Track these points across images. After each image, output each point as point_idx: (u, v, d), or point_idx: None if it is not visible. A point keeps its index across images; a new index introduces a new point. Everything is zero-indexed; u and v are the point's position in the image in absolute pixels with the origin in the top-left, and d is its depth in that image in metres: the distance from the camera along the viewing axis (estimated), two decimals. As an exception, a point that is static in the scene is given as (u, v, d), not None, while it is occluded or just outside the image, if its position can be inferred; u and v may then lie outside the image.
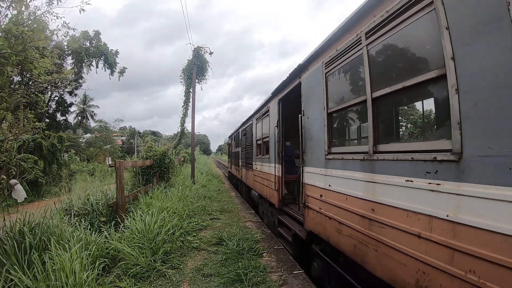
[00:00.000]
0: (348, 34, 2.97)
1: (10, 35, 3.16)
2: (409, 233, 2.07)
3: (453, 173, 1.75)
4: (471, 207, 1.62)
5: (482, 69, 1.57)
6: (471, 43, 1.64)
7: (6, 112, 4.37)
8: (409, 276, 2.06)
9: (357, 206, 2.77)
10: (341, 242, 3.08)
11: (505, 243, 1.41)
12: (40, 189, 13.23)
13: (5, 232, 3.68)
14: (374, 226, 2.50)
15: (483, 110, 1.57)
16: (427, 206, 1.93)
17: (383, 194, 2.41)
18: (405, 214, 2.13)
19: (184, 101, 18.03)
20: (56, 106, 25.55)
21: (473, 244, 1.59)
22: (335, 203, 3.22)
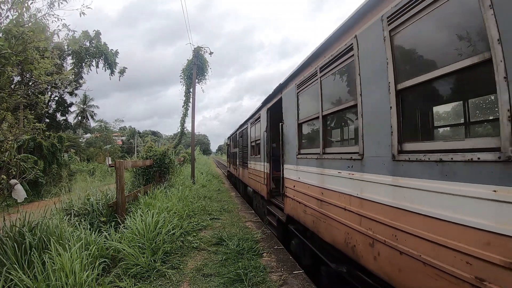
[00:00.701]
0: (310, 67, 3.95)
1: (10, 36, 3.17)
2: (340, 208, 3.05)
3: (359, 167, 2.73)
4: (368, 188, 2.58)
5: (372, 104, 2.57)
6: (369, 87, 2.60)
7: (6, 113, 4.37)
8: (340, 237, 3.04)
9: (314, 192, 3.77)
10: (306, 220, 4.06)
11: (382, 209, 2.37)
12: (40, 189, 13.23)
13: (5, 232, 3.68)
14: (323, 205, 3.49)
15: (370, 132, 2.58)
16: (348, 188, 2.93)
17: (327, 182, 3.42)
18: (337, 195, 3.13)
19: (184, 101, 18.04)
20: (56, 106, 25.54)
21: (370, 211, 2.54)
22: (302, 191, 4.21)
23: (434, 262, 1.85)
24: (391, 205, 2.28)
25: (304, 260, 4.40)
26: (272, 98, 6.17)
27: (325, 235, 3.40)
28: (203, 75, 16.07)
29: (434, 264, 1.85)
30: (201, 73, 15.91)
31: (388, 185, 2.32)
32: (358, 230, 2.69)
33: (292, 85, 4.71)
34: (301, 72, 4.31)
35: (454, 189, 1.73)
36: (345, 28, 3.02)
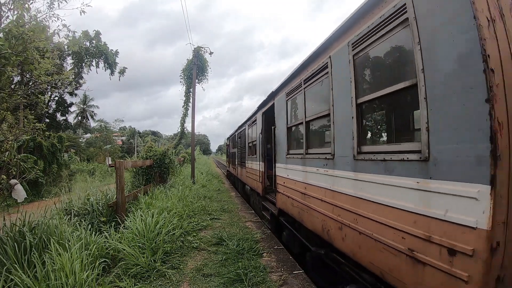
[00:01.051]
0: (297, 78, 4.48)
1: (10, 36, 3.17)
2: (318, 199, 3.59)
3: (332, 165, 3.27)
4: (337, 182, 3.14)
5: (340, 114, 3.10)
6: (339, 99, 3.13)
7: (6, 112, 4.37)
8: (319, 224, 3.58)
9: (299, 187, 4.32)
10: (293, 212, 4.62)
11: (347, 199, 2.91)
12: (40, 189, 13.23)
13: (5, 232, 3.68)
14: (306, 198, 4.05)
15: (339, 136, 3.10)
16: (324, 183, 3.48)
17: (309, 178, 3.97)
18: (316, 188, 3.68)
19: (184, 101, 18.02)
20: (56, 106, 25.55)
21: (339, 201, 3.08)
22: (290, 187, 4.75)
23: (381, 239, 2.36)
24: (352, 195, 2.83)
25: (294, 249, 4.89)
26: (266, 103, 6.73)
27: (308, 224, 3.99)
28: (203, 75, 16.06)
29: (381, 240, 2.36)
30: (201, 73, 15.90)
31: (350, 179, 2.88)
32: (331, 217, 3.26)
33: (283, 93, 5.24)
34: (289, 82, 4.87)
35: (392, 181, 2.27)
36: (323, 48, 3.55)
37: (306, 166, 4.08)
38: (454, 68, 1.81)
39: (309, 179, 3.97)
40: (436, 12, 1.94)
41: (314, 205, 3.73)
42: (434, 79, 1.94)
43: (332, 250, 3.33)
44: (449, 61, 1.84)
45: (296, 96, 4.55)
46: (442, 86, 1.87)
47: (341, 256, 3.18)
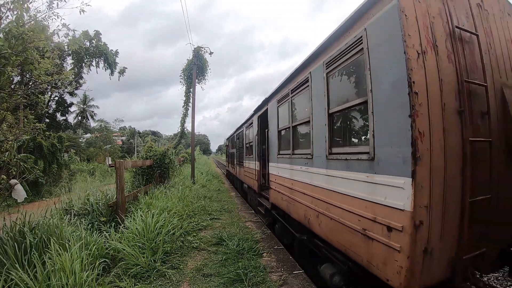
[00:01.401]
0: (285, 88, 5.06)
1: (10, 36, 3.17)
2: (301, 193, 4.18)
3: (311, 163, 3.85)
4: (315, 177, 3.70)
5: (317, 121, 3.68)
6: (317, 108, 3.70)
7: (6, 113, 4.37)
8: (302, 214, 4.17)
9: (287, 183, 4.88)
10: (283, 205, 5.17)
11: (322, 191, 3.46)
12: (40, 189, 13.23)
13: (5, 232, 3.68)
14: (293, 192, 4.59)
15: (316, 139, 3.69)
16: (305, 179, 4.04)
17: (294, 175, 4.53)
18: (300, 184, 4.25)
19: (184, 101, 18.00)
20: (56, 106, 25.54)
21: (316, 193, 3.65)
22: (280, 183, 5.30)
23: (345, 222, 2.93)
24: (325, 188, 3.40)
25: (285, 240, 5.36)
26: (261, 108, 7.38)
27: (294, 215, 4.56)
28: (203, 75, 16.05)
29: (345, 223, 2.94)
30: (201, 73, 15.89)
31: (324, 175, 3.45)
32: (311, 207, 3.84)
33: (274, 100, 5.84)
34: (280, 91, 5.48)
35: (351, 176, 2.86)
36: (305, 65, 4.11)
37: (293, 164, 4.66)
38: (390, 90, 2.33)
39: (294, 176, 4.55)
40: (381, 45, 2.44)
41: (299, 198, 4.31)
42: (378, 97, 2.48)
43: (313, 235, 3.93)
44: (388, 84, 2.36)
45: (285, 103, 5.17)
46: (383, 103, 2.42)
47: (319, 240, 3.75)
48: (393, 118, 2.29)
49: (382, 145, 2.43)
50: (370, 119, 2.55)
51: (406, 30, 2.18)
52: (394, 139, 2.28)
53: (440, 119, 2.22)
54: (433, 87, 2.21)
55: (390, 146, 2.31)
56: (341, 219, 3.00)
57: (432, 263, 2.19)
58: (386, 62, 2.39)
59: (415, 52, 2.17)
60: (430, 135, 2.15)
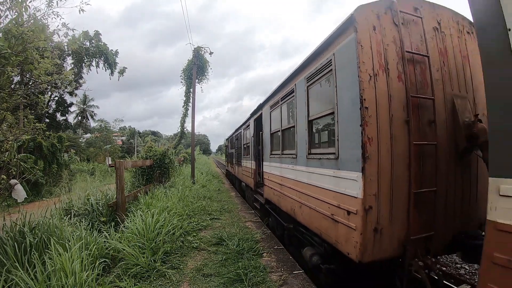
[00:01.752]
0: (277, 95, 5.72)
1: (10, 36, 3.16)
2: (289, 188, 4.76)
3: (296, 162, 4.45)
4: (299, 174, 4.29)
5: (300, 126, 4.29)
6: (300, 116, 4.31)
7: (6, 113, 4.37)
8: (289, 206, 4.79)
9: (278, 179, 5.49)
10: (274, 199, 5.86)
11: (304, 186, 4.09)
12: (40, 189, 13.22)
13: (5, 232, 3.68)
14: (282, 187, 5.21)
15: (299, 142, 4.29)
16: (292, 175, 4.65)
17: (284, 172, 5.14)
18: (288, 180, 4.85)
19: (184, 101, 17.99)
20: (56, 106, 25.53)
21: (300, 188, 4.23)
22: (272, 180, 5.96)
23: (320, 210, 3.55)
24: (306, 183, 4.04)
25: (277, 231, 5.90)
26: (257, 112, 8.04)
27: (283, 207, 5.20)
28: (204, 75, 16.04)
29: (320, 211, 3.55)
30: (202, 73, 15.88)
31: (305, 171, 4.09)
32: (296, 200, 4.46)
33: (268, 105, 6.52)
34: (272, 98, 6.15)
35: (323, 172, 3.50)
36: (291, 77, 4.70)
37: (282, 163, 5.28)
38: (349, 104, 2.93)
39: (283, 173, 5.16)
40: (344, 68, 3.06)
41: (287, 192, 4.93)
42: (341, 109, 3.12)
43: (297, 224, 4.51)
44: (347, 100, 2.98)
45: (276, 109, 5.80)
46: (344, 114, 3.05)
47: (302, 227, 4.35)
48: (350, 127, 2.91)
49: (343, 147, 3.08)
50: (336, 127, 3.21)
51: (360, 58, 2.79)
52: (351, 143, 2.91)
53: (387, 127, 2.83)
54: (382, 102, 2.82)
55: (348, 148, 2.96)
56: (317, 207, 3.65)
57: (382, 240, 2.77)
58: (346, 82, 3.01)
59: (368, 75, 2.79)
60: (378, 140, 2.76)
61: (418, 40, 3.13)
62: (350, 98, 2.91)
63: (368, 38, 2.86)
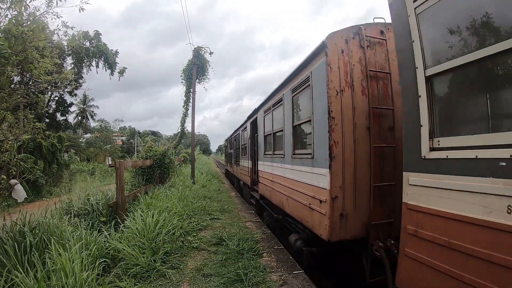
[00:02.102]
0: (269, 102, 6.43)
1: (10, 35, 3.16)
2: (279, 183, 5.38)
3: (284, 161, 5.16)
4: (286, 171, 5.03)
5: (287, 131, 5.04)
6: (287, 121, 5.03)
7: (6, 112, 4.36)
8: (279, 199, 5.41)
9: (270, 177, 6.23)
10: (267, 195, 6.56)
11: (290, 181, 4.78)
12: (40, 189, 13.22)
13: (5, 232, 3.67)
14: (273, 183, 5.87)
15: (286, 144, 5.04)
16: (280, 173, 5.30)
17: (274, 170, 5.83)
18: (278, 177, 5.47)
19: (184, 101, 18.00)
20: (56, 106, 25.52)
21: (287, 183, 4.95)
22: (265, 177, 6.75)
23: (301, 201, 4.18)
24: (291, 178, 4.71)
25: (270, 224, 6.46)
26: (252, 115, 8.82)
27: (274, 200, 5.89)
28: (204, 74, 16.04)
29: (301, 202, 4.18)
30: (202, 73, 15.88)
31: (290, 169, 4.79)
32: (283, 193, 5.09)
33: (262, 110, 7.31)
34: (265, 104, 6.94)
35: (303, 168, 4.16)
36: (280, 87, 5.39)
37: (273, 162, 5.99)
38: (321, 114, 3.54)
39: (274, 171, 5.87)
40: (318, 84, 3.69)
41: (277, 188, 5.60)
42: (315, 118, 3.75)
43: (285, 214, 5.16)
44: (320, 110, 3.58)
45: (268, 114, 6.50)
46: (318, 122, 3.68)
47: (289, 217, 4.99)
48: (321, 132, 3.54)
49: (317, 149, 3.71)
50: (312, 132, 3.87)
51: (329, 77, 3.38)
52: (322, 145, 3.53)
53: (351, 133, 3.39)
54: (347, 113, 3.40)
55: (320, 149, 3.59)
56: (299, 199, 4.28)
57: (347, 224, 3.35)
58: (319, 96, 3.63)
59: (335, 91, 3.38)
60: (343, 143, 3.35)
61: (383, 58, 3.64)
62: (321, 109, 3.53)
63: (336, 60, 3.43)
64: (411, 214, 2.22)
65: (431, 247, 2.02)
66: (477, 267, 1.67)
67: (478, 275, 1.66)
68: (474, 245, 1.71)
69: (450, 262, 1.86)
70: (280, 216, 5.52)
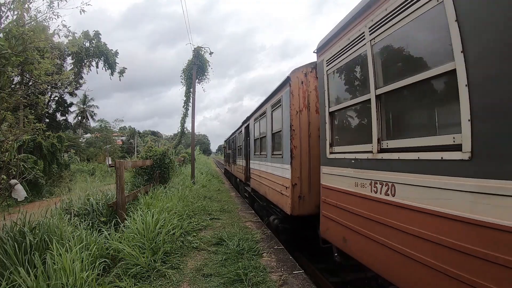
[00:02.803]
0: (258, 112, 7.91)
1: (10, 36, 3.17)
2: (263, 177, 6.99)
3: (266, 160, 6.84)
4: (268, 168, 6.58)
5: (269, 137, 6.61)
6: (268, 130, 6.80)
7: (6, 113, 4.37)
8: (263, 190, 6.99)
9: (258, 172, 7.56)
10: (256, 187, 7.92)
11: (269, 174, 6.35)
12: (40, 189, 13.22)
13: (5, 232, 3.68)
14: (261, 178, 7.27)
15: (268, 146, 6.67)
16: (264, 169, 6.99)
17: (261, 167, 7.30)
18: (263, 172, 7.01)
19: (184, 101, 18.04)
20: (56, 106, 25.54)
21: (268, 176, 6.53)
22: (255, 173, 8.11)
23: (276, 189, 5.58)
24: (271, 173, 6.01)
25: (261, 212, 7.66)
26: (246, 121, 10.46)
27: (260, 191, 7.33)
28: (204, 74, 16.05)
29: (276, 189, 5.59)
30: (202, 73, 15.89)
31: (270, 166, 6.12)
32: (266, 185, 6.49)
33: (252, 118, 8.85)
34: (255, 113, 8.46)
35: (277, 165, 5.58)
36: (265, 102, 6.94)
37: (260, 161, 7.45)
38: (286, 127, 4.89)
39: (261, 168, 7.28)
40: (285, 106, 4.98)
41: (262, 181, 6.98)
42: (283, 129, 5.10)
43: (268, 202, 6.54)
44: (286, 124, 4.94)
45: (257, 122, 8.04)
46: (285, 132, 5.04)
47: (271, 204, 6.27)
48: (286, 140, 4.91)
49: (284, 151, 5.08)
50: (282, 139, 5.22)
51: (291, 102, 4.73)
52: (286, 149, 4.92)
53: (307, 140, 4.71)
54: (303, 127, 4.71)
55: (286, 151, 4.95)
56: (275, 188, 5.68)
57: (304, 203, 4.67)
58: (286, 114, 4.99)
59: (295, 111, 4.71)
60: (300, 147, 4.68)
61: None
62: (287, 123, 4.94)
63: (297, 89, 4.75)
64: (324, 190, 3.66)
65: (331, 208, 3.43)
66: (347, 216, 3.04)
67: (348, 219, 3.03)
68: (345, 203, 3.10)
69: (338, 215, 3.25)
70: (265, 203, 7.11)
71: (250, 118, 9.40)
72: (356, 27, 2.84)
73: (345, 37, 3.07)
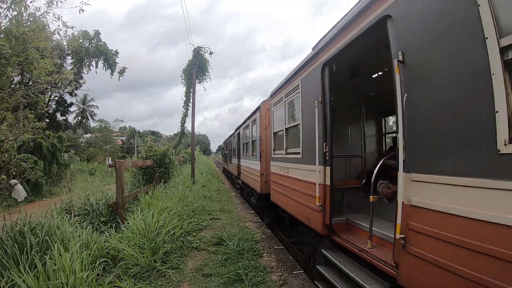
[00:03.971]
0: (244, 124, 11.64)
1: (11, 36, 3.16)
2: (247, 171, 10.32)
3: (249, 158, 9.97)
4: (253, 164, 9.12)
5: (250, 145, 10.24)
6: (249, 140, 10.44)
7: (6, 112, 4.37)
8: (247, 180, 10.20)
9: (247, 168, 10.45)
10: (244, 178, 11.30)
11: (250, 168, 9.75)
12: (40, 189, 13.22)
13: (5, 232, 3.68)
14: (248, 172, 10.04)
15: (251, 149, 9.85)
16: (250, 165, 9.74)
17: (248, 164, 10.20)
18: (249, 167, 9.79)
19: (184, 101, 17.95)
20: (56, 106, 25.55)
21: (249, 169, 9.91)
22: (245, 169, 11.08)
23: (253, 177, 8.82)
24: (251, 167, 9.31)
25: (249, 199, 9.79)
26: (238, 129, 13.23)
27: (246, 181, 10.27)
28: (204, 74, 16.02)
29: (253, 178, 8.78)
30: (202, 73, 15.86)
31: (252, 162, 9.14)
32: (249, 176, 9.45)
33: (242, 127, 11.70)
34: (243, 124, 11.31)
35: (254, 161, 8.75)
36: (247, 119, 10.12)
37: (248, 160, 9.68)
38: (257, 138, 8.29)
39: (247, 164, 9.75)
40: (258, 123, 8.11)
41: (247, 173, 9.54)
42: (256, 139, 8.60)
43: (250, 188, 9.24)
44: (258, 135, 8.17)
45: (245, 131, 10.87)
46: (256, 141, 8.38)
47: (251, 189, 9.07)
48: (257, 145, 8.00)
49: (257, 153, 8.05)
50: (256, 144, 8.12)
51: (260, 122, 7.79)
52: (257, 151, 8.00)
53: (270, 146, 6.48)
54: (267, 138, 7.35)
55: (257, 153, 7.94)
56: (253, 177, 8.59)
57: (267, 185, 7.13)
58: (257, 130, 8.05)
59: (263, 127, 7.68)
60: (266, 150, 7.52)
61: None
62: (258, 135, 7.83)
63: (264, 114, 7.58)
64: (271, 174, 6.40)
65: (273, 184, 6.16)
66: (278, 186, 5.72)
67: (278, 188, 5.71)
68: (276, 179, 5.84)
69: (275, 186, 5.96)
70: (248, 190, 9.99)
71: (240, 127, 12.62)
72: (281, 93, 5.55)
73: (279, 95, 5.67)
